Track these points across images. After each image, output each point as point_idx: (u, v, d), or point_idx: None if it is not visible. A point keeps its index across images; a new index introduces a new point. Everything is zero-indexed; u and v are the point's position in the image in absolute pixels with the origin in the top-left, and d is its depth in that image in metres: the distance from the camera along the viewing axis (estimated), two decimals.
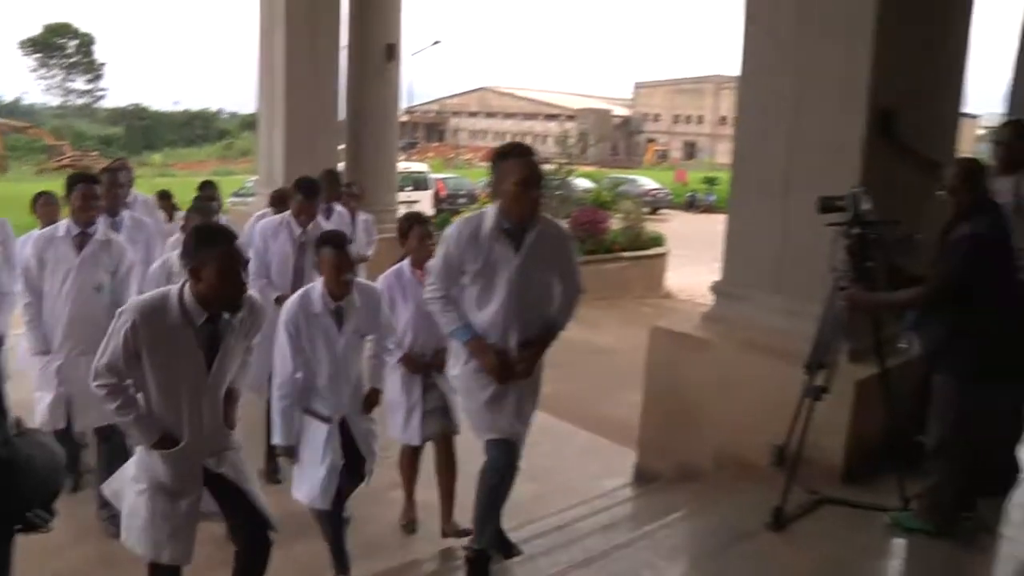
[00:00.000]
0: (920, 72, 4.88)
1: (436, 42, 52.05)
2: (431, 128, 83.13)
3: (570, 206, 15.63)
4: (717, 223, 5.35)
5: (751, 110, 5.15)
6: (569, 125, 68.42)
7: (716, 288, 5.38)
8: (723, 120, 64.54)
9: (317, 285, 3.98)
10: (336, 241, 3.97)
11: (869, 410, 4.37)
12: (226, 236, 3.05)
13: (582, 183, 20.14)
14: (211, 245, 2.98)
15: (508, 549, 3.95)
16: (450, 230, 3.62)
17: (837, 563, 3.72)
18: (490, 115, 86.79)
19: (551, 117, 74.50)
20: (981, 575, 3.84)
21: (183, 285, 3.02)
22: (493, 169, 3.54)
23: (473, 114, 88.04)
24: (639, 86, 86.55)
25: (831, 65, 4.65)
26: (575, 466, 5.98)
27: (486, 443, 3.70)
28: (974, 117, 32.62)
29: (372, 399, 4.23)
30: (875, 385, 4.26)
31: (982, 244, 3.71)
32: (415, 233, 4.58)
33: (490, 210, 3.55)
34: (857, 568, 3.74)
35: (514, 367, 3.59)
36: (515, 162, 3.45)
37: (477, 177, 27.48)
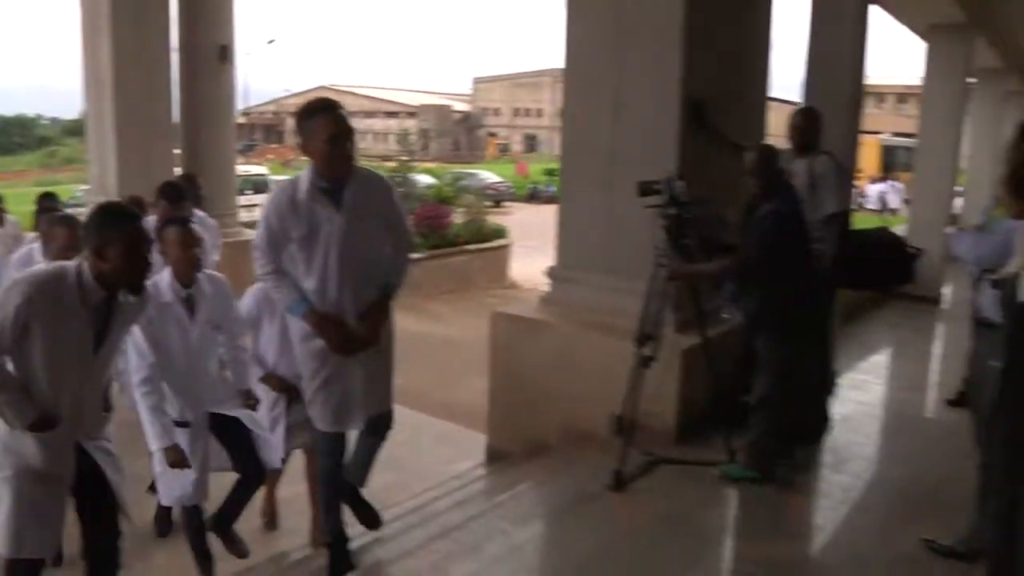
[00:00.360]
0: (728, 64, 5.36)
1: (271, 41, 50.69)
2: (269, 129, 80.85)
3: (413, 202, 15.75)
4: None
5: (576, 103, 5.47)
6: (410, 122, 68.33)
7: (551, 273, 5.70)
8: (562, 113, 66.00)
9: (164, 274, 3.80)
10: (179, 220, 3.95)
11: (695, 376, 4.79)
12: (132, 216, 3.04)
13: (424, 179, 20.32)
14: (117, 224, 2.93)
15: (371, 520, 3.84)
16: (267, 199, 3.53)
17: (672, 515, 4.08)
18: None
19: (391, 114, 74.12)
20: (796, 510, 4.28)
21: (81, 263, 2.92)
22: (300, 130, 3.34)
23: None
24: (478, 81, 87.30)
25: (647, 60, 5.02)
26: (430, 453, 6.19)
27: (319, 433, 3.61)
28: (788, 102, 35.12)
29: (245, 399, 4.08)
30: (699, 353, 4.67)
31: (782, 220, 4.17)
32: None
33: (305, 172, 3.39)
34: (691, 517, 4.10)
35: (356, 337, 3.41)
36: (322, 119, 3.28)
37: None
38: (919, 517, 4.04)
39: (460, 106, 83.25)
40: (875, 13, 9.36)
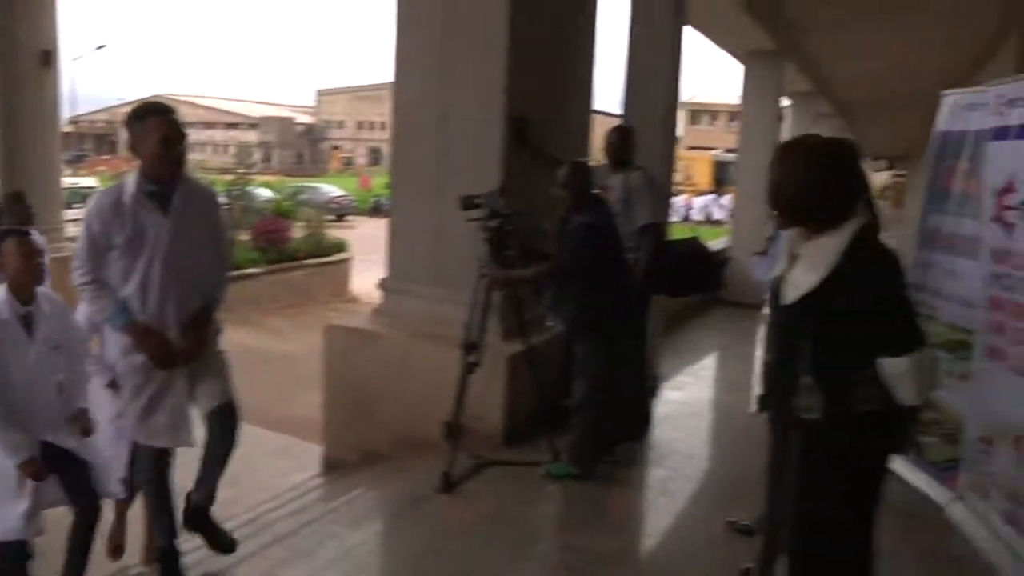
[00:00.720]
0: (551, 82, 5.62)
1: (101, 46, 48.13)
2: (101, 139, 76.68)
3: (251, 216, 15.44)
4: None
5: (405, 117, 5.59)
6: (251, 134, 66.49)
7: (383, 285, 5.79)
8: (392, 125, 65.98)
9: (0, 291, 3.60)
10: (16, 231, 3.73)
11: (520, 381, 4.99)
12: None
13: (263, 193, 19.91)
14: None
15: (226, 543, 3.65)
16: (89, 205, 3.32)
17: (498, 513, 4.24)
18: None
19: (232, 126, 71.98)
20: (618, 503, 4.54)
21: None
22: (131, 131, 3.26)
23: None
24: (321, 93, 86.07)
25: (472, 78, 5.21)
26: (267, 466, 6.13)
27: (144, 449, 3.51)
28: (614, 116, 36.78)
29: (81, 420, 3.79)
30: (523, 360, 4.88)
31: (592, 231, 4.43)
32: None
33: (131, 176, 3.27)
34: (517, 514, 4.27)
35: (178, 350, 3.31)
36: (155, 120, 3.22)
37: None
38: (728, 503, 4.36)
39: (303, 118, 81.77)
40: (702, 40, 10.04)
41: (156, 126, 3.21)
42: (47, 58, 10.86)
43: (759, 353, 4.23)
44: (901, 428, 2.40)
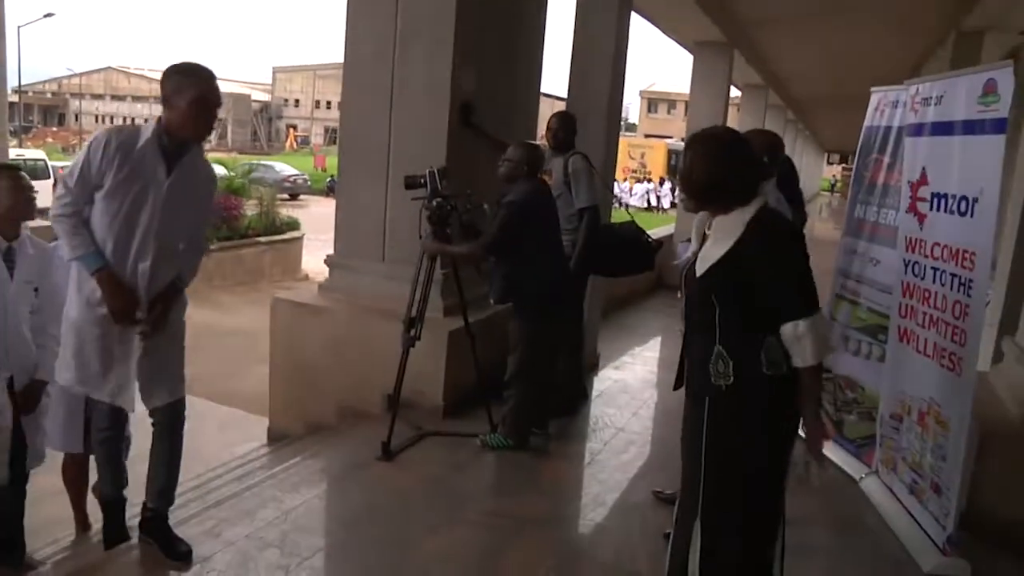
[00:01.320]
0: (500, 66, 5.75)
1: (49, 14, 46.78)
2: (48, 111, 75.01)
3: None
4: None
5: (355, 100, 5.68)
6: None
7: (330, 261, 5.89)
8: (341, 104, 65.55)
9: None
10: (8, 167, 3.81)
11: (461, 356, 5.14)
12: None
13: (216, 169, 19.72)
14: None
15: (179, 550, 3.43)
16: (96, 136, 3.15)
17: (436, 479, 4.38)
18: (118, 97, 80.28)
19: None
20: (549, 471, 4.71)
21: None
22: (170, 81, 3.15)
23: (98, 96, 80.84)
24: (278, 71, 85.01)
25: (420, 62, 5.32)
26: (214, 439, 6.23)
27: (92, 400, 3.46)
28: (563, 99, 37.42)
29: (32, 392, 3.77)
30: (464, 335, 5.03)
31: (520, 208, 4.56)
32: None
33: (150, 125, 3.18)
34: (452, 480, 4.41)
35: (137, 317, 3.21)
36: (199, 78, 3.15)
37: None
38: (653, 473, 4.58)
39: (259, 96, 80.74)
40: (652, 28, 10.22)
41: (197, 84, 3.14)
42: None
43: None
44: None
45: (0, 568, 3.85)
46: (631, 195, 36.06)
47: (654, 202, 37.09)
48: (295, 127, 78.05)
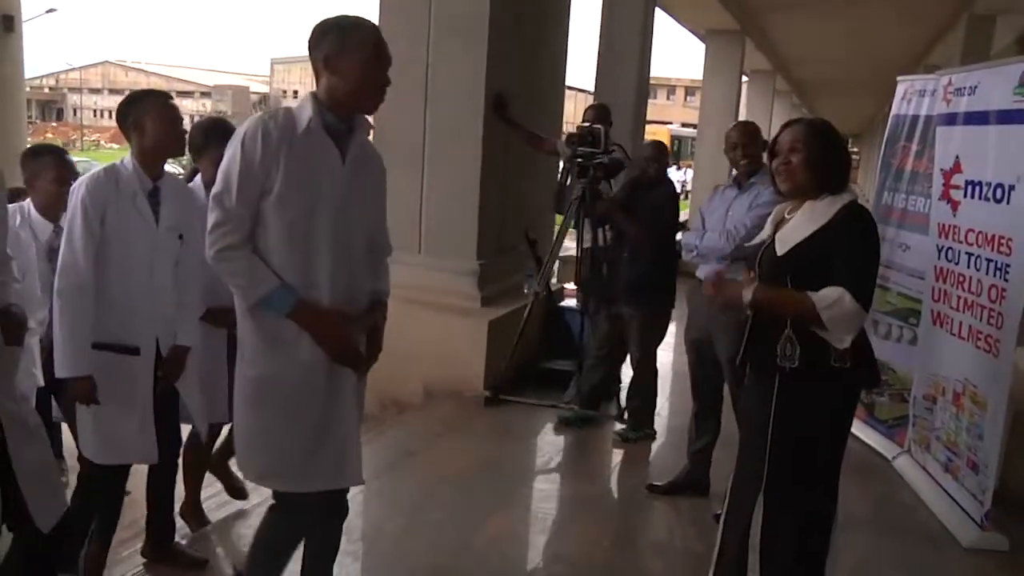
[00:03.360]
0: (526, 60, 5.88)
1: (51, 10, 46.63)
2: (46, 106, 74.92)
3: None
4: None
5: (390, 95, 5.75)
6: (205, 102, 65.33)
7: None
8: None
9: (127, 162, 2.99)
10: (158, 93, 3.17)
11: (500, 345, 5.28)
12: None
13: None
14: None
15: None
16: (245, 130, 2.34)
17: (485, 462, 4.53)
18: (116, 92, 80.00)
19: (185, 94, 70.72)
20: (592, 454, 4.90)
21: None
22: (324, 41, 2.35)
23: (96, 90, 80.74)
24: (276, 62, 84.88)
25: (456, 58, 5.44)
26: None
27: (293, 497, 2.49)
28: (583, 91, 37.71)
29: (178, 359, 3.06)
30: (503, 324, 5.18)
31: (676, 202, 4.90)
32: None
33: (306, 102, 2.40)
34: (504, 462, 4.55)
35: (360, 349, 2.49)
36: (368, 31, 2.39)
37: (107, 160, 25.62)
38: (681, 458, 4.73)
39: (258, 87, 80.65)
40: (661, 16, 10.32)
41: (368, 38, 2.38)
42: (9, 23, 10.72)
43: None
44: (866, 377, 2.76)
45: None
46: None
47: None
48: None
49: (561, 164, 5.45)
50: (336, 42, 2.34)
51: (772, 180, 2.84)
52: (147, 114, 2.90)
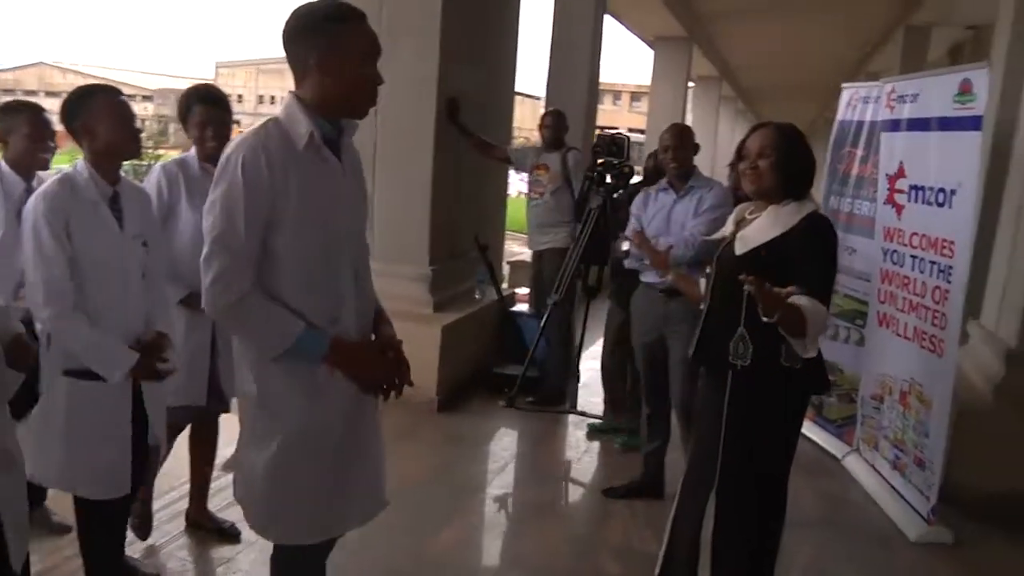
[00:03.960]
0: (477, 64, 5.87)
1: None
2: None
3: None
4: None
5: None
6: (147, 106, 64.02)
7: None
8: None
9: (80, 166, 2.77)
10: (106, 88, 2.90)
11: (454, 350, 5.26)
12: None
13: None
14: None
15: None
16: (243, 153, 1.98)
17: (441, 467, 4.52)
18: (52, 94, 78.02)
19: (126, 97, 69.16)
20: (545, 459, 4.89)
21: None
22: (312, 36, 2.03)
23: (31, 92, 78.54)
24: (220, 66, 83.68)
25: (407, 61, 5.40)
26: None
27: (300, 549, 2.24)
28: (538, 98, 38.29)
29: (158, 345, 2.80)
30: (456, 330, 5.16)
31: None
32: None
33: (293, 110, 2.07)
34: (458, 468, 4.56)
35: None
36: (358, 27, 2.09)
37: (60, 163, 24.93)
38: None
39: None
40: (609, 22, 10.41)
41: (360, 35, 2.10)
42: None
43: None
44: (816, 382, 2.80)
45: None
46: None
47: None
48: (239, 123, 76.60)
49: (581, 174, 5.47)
50: (329, 39, 2.03)
51: (737, 182, 2.86)
52: (96, 114, 2.64)
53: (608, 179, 5.03)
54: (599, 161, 4.95)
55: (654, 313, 4.00)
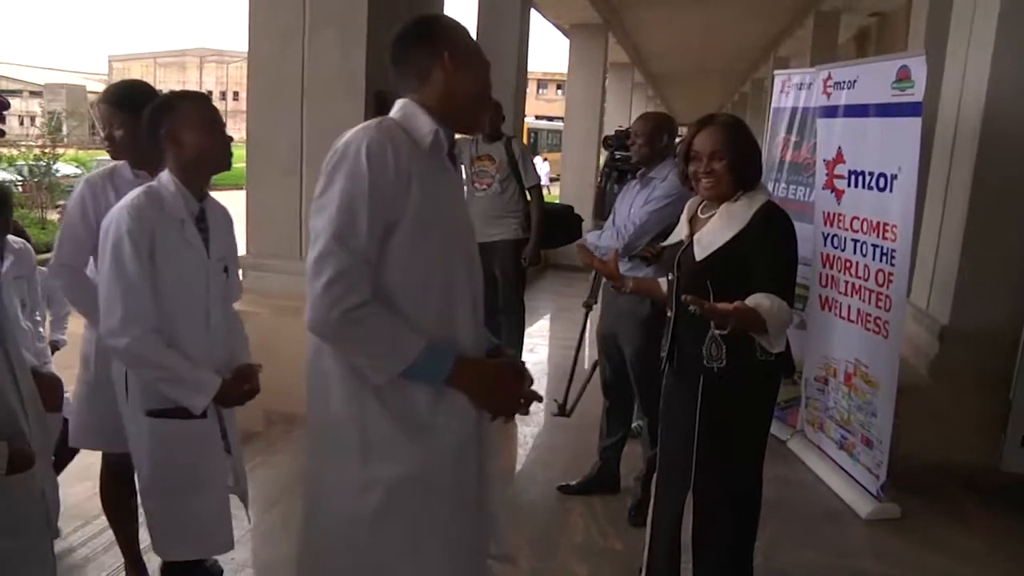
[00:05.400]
0: None
1: None
2: None
3: (59, 195, 14.49)
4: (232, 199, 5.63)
5: (263, 95, 5.51)
6: (36, 102, 61.21)
7: (243, 262, 5.71)
8: (209, 95, 63.41)
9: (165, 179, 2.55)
10: (196, 94, 2.74)
11: None
12: None
13: (67, 169, 18.52)
14: None
15: None
16: (367, 143, 1.79)
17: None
18: None
19: (12, 93, 66.10)
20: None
21: None
22: (446, 34, 1.95)
23: None
24: (114, 60, 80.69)
25: (333, 52, 5.22)
26: None
27: None
28: None
29: (250, 378, 2.75)
30: None
31: None
32: None
33: (413, 111, 1.92)
34: None
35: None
36: (478, 47, 2.02)
37: None
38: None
39: (95, 86, 76.25)
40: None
41: (480, 55, 2.00)
42: None
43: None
44: (784, 365, 2.80)
45: None
46: None
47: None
48: None
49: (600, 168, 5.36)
50: (461, 40, 1.94)
51: (689, 183, 2.79)
52: (183, 121, 2.43)
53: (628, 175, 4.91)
54: (616, 156, 4.82)
55: (610, 309, 3.97)
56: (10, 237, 3.18)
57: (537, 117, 45.37)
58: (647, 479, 3.75)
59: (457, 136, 2.06)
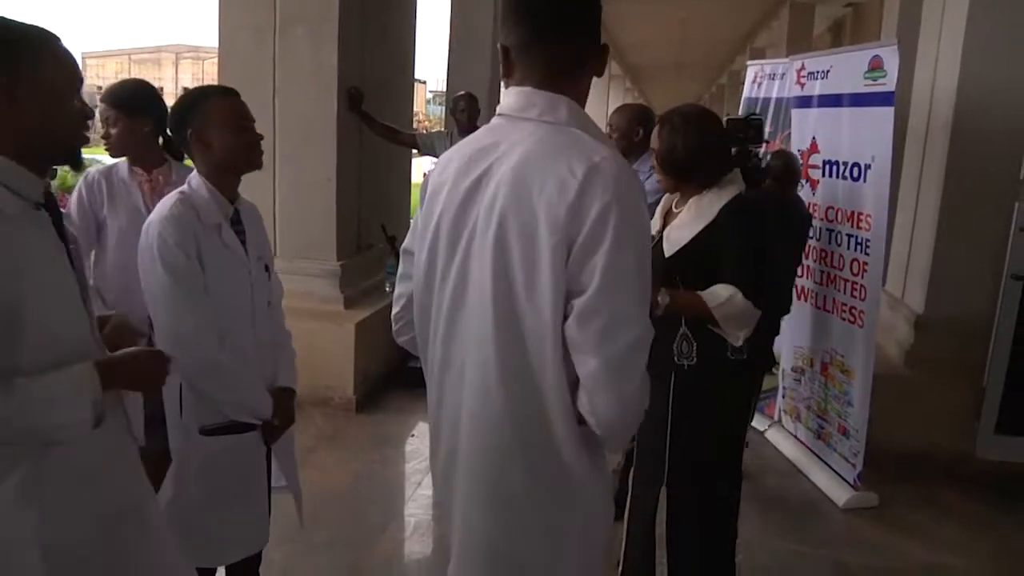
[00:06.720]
0: (378, 54, 5.67)
1: None
2: None
3: None
4: None
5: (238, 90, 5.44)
6: None
7: None
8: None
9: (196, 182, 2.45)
10: (224, 89, 2.51)
11: (369, 347, 5.09)
12: None
13: None
14: None
15: None
16: (623, 168, 1.53)
17: (363, 475, 4.37)
18: None
19: None
20: None
21: None
22: (594, 28, 1.59)
23: None
24: (88, 56, 79.75)
25: (304, 48, 5.16)
26: None
27: None
28: (423, 82, 38.36)
29: (286, 405, 2.51)
30: (369, 325, 4.99)
31: None
32: None
33: (586, 118, 1.65)
34: (381, 475, 4.42)
35: None
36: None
37: None
38: None
39: None
40: None
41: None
42: None
43: None
44: (762, 362, 2.78)
45: None
46: None
47: None
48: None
49: None
50: (597, 30, 1.61)
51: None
52: (208, 121, 2.27)
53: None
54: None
55: None
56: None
57: None
58: (625, 471, 3.73)
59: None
